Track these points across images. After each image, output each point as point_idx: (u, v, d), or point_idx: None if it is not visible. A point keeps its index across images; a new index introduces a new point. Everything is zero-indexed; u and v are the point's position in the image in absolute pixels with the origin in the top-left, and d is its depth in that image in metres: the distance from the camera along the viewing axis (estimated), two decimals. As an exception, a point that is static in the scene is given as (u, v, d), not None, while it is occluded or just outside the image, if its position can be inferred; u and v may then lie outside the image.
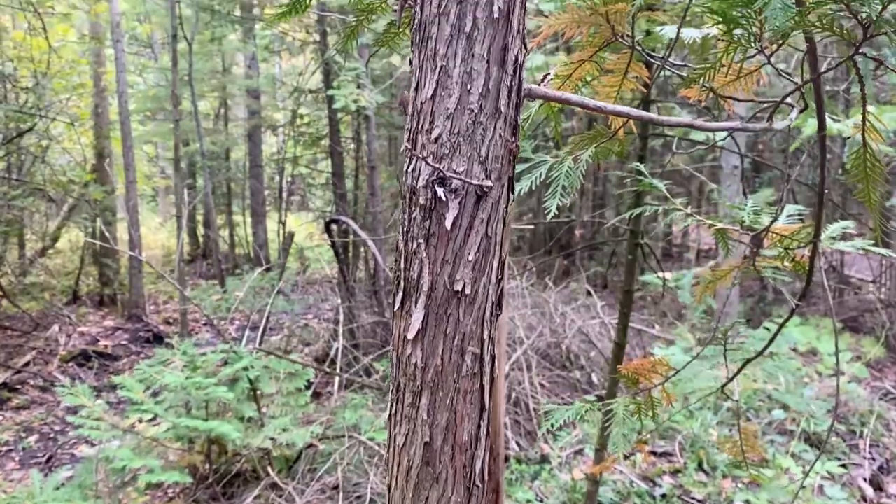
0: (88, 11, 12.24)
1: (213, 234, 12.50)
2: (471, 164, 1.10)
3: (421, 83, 1.13)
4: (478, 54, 1.08)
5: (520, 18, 1.10)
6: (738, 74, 1.29)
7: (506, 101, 1.12)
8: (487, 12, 1.07)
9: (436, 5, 1.09)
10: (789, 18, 1.01)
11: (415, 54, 1.15)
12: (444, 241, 1.10)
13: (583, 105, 1.20)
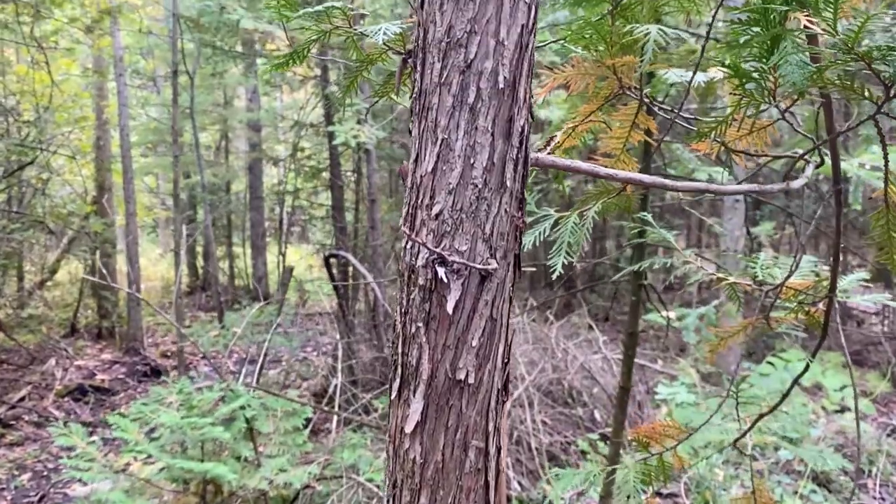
0: (92, 46, 12.34)
1: (213, 267, 12.45)
2: (474, 242, 1.03)
3: (421, 155, 1.07)
4: (482, 127, 1.03)
5: (526, 87, 1.05)
6: (751, 129, 1.25)
7: (511, 175, 1.05)
8: (492, 82, 1.02)
9: (437, 75, 1.04)
10: (806, 77, 0.96)
11: (414, 124, 1.09)
12: (446, 325, 1.02)
13: (593, 173, 1.16)
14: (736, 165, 1.44)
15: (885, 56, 0.91)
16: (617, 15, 1.26)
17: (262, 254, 15.40)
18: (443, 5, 1.03)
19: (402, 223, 1.03)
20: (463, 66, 1.02)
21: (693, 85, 1.83)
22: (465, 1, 1.01)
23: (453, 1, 1.01)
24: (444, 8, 1.02)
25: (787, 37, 0.99)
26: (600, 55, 1.27)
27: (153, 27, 15.08)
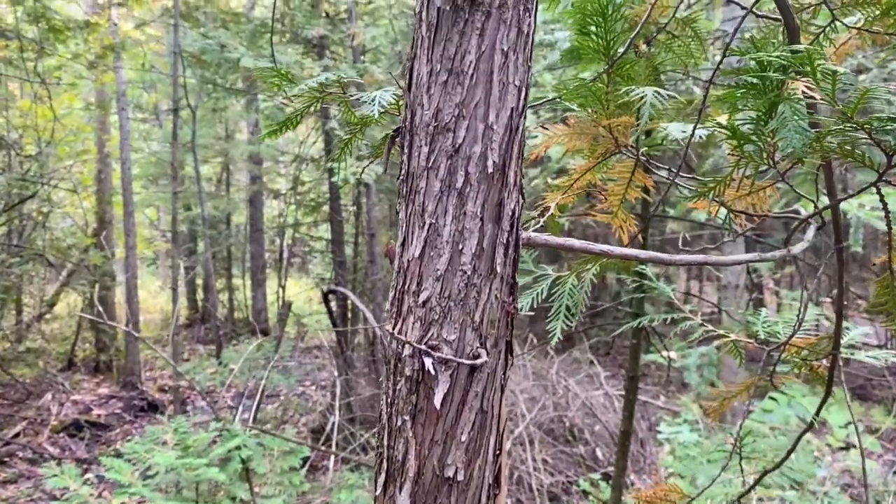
0: (94, 80, 12.45)
1: (212, 300, 12.40)
2: (463, 331, 0.99)
3: (408, 239, 1.03)
4: (470, 212, 1.00)
5: (516, 170, 1.03)
6: (751, 189, 1.23)
7: (502, 260, 1.02)
8: (481, 167, 0.99)
9: (424, 158, 1.01)
10: (806, 143, 0.94)
11: (401, 206, 1.06)
12: (433, 418, 0.98)
13: (587, 251, 1.13)
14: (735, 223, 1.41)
15: (885, 126, 0.89)
16: (613, 73, 1.25)
17: (262, 286, 15.36)
18: (430, 88, 1.01)
19: (388, 307, 1.00)
20: (451, 150, 0.99)
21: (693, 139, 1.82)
22: (452, 85, 0.99)
23: (441, 85, 0.99)
24: (432, 91, 1.00)
25: (786, 102, 0.98)
26: (596, 115, 1.26)
27: (156, 62, 15.24)
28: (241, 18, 9.09)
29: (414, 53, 1.05)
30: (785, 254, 1.16)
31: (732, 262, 1.11)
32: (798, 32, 1.25)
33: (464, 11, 0.97)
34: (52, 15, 10.21)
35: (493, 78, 0.98)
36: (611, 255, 1.13)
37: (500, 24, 0.97)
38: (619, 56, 1.24)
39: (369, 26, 7.99)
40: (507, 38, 0.98)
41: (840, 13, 1.43)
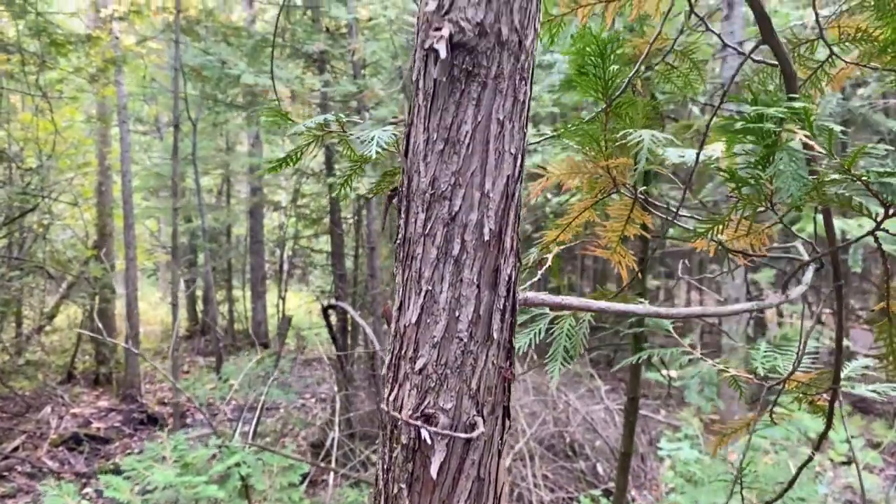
0: (96, 94, 12.48)
1: (212, 312, 12.39)
2: (459, 398, 0.98)
3: (405, 304, 1.03)
4: (467, 279, 0.99)
5: (513, 235, 1.02)
6: (749, 230, 1.24)
7: (499, 326, 1.01)
8: (477, 234, 0.99)
9: (421, 225, 1.01)
10: (804, 191, 0.95)
11: (398, 270, 1.06)
12: (430, 487, 0.96)
13: (586, 308, 1.13)
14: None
15: (881, 179, 0.90)
16: (611, 112, 1.25)
17: (262, 298, 15.35)
18: (427, 157, 1.01)
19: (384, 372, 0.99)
20: (447, 218, 0.99)
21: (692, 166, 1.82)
22: (449, 154, 0.99)
23: (437, 153, 0.99)
24: (428, 160, 1.00)
25: (784, 149, 0.98)
26: (595, 155, 1.26)
27: (157, 74, 15.28)
28: (241, 33, 9.12)
29: (411, 121, 1.05)
30: (783, 299, 1.17)
31: (730, 312, 1.11)
32: (795, 78, 1.25)
33: (460, 82, 0.97)
34: (54, 29, 10.24)
35: (489, 147, 0.98)
36: (608, 311, 1.13)
37: (496, 95, 0.97)
38: (617, 95, 1.24)
39: (370, 41, 8.02)
40: (503, 108, 0.98)
41: (839, 49, 1.44)
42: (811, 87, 1.51)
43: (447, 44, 0.91)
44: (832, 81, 1.70)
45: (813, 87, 1.51)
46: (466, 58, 0.95)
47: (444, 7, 0.96)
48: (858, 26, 1.39)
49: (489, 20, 0.94)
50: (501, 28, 0.96)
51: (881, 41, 1.33)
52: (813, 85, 1.51)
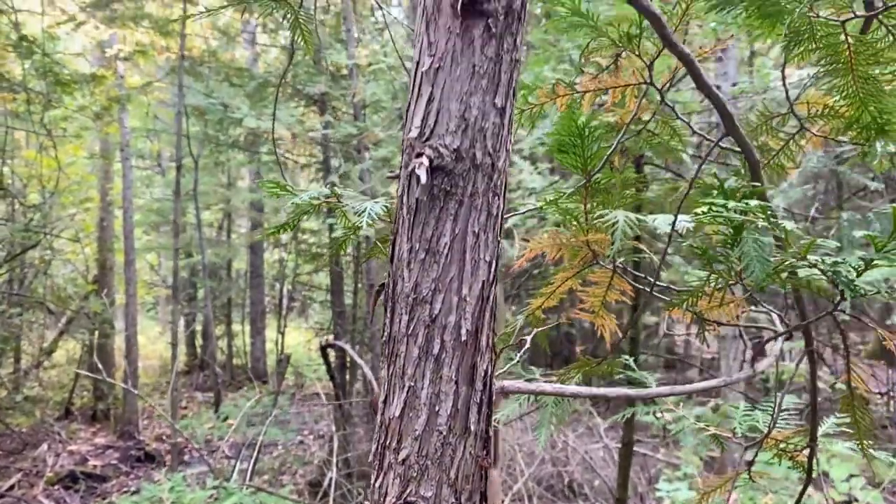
0: (100, 131, 12.65)
1: (211, 347, 12.40)
2: (439, 488, 1.05)
3: (390, 398, 1.11)
4: (446, 376, 1.07)
5: (489, 333, 1.10)
6: (721, 301, 1.30)
7: (476, 419, 1.09)
8: (455, 335, 1.07)
9: (404, 326, 1.09)
10: (767, 273, 1.02)
11: (384, 366, 1.13)
12: None
13: (559, 393, 1.20)
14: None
15: (832, 269, 0.97)
16: (591, 186, 1.33)
17: (262, 333, 15.36)
18: (410, 264, 1.10)
19: (371, 459, 1.05)
20: (428, 320, 1.07)
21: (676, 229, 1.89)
22: (429, 263, 1.08)
23: (419, 262, 1.08)
24: (411, 267, 1.09)
25: (749, 233, 1.05)
26: (576, 230, 1.33)
27: (159, 111, 15.49)
28: (244, 73, 9.30)
29: (396, 230, 1.14)
30: (750, 374, 1.23)
31: (702, 388, 1.17)
32: (759, 166, 1.33)
33: (439, 200, 1.07)
34: (60, 69, 10.41)
35: (465, 256, 1.08)
36: (580, 395, 1.20)
37: (471, 210, 1.08)
38: (595, 172, 1.31)
39: (370, 82, 8.18)
40: (478, 221, 1.08)
41: (808, 122, 1.52)
42: (785, 158, 1.59)
43: (427, 170, 1.02)
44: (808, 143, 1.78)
45: (786, 157, 1.59)
46: (445, 179, 1.06)
47: (426, 135, 1.07)
48: (826, 103, 1.48)
49: (465, 146, 1.06)
50: (476, 153, 1.08)
51: (847, 118, 1.41)
52: (786, 155, 1.59)
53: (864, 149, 1.48)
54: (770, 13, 1.32)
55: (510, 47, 1.07)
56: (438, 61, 1.06)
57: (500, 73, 1.07)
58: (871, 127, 1.39)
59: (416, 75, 1.11)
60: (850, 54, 1.29)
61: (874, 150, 1.44)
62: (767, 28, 1.42)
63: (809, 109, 1.51)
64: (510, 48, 1.07)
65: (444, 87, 1.06)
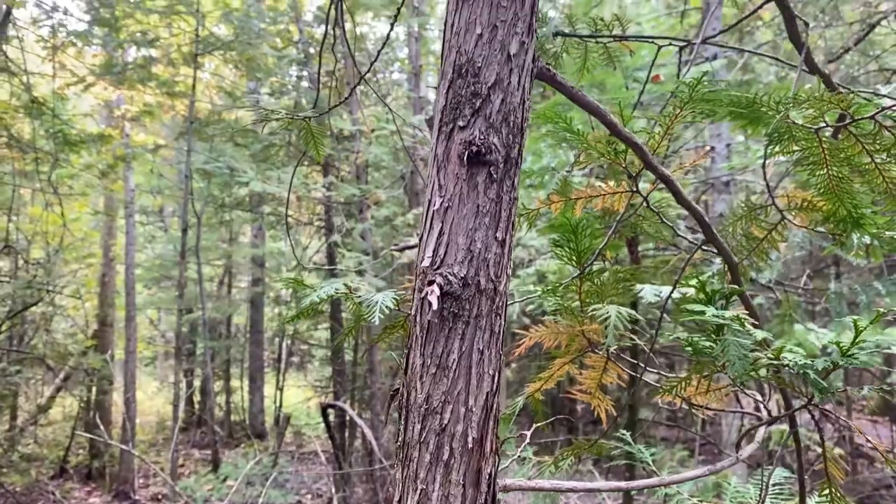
0: (105, 188, 12.85)
1: (210, 404, 12.33)
2: None
3: (404, 499, 1.21)
4: (454, 480, 1.17)
5: (492, 439, 1.20)
6: (708, 389, 1.38)
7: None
8: (462, 443, 1.18)
9: (417, 434, 1.20)
10: (746, 369, 1.10)
11: (398, 468, 1.24)
12: None
13: (556, 489, 1.27)
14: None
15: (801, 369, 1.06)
16: (584, 279, 1.42)
17: (260, 389, 15.28)
18: (422, 377, 1.22)
19: None
20: (438, 429, 1.19)
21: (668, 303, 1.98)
22: (440, 377, 1.20)
23: (431, 375, 1.21)
24: (424, 380, 1.21)
25: (730, 331, 1.14)
26: (572, 320, 1.42)
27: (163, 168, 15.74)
28: (249, 134, 9.52)
29: (410, 346, 1.28)
30: (734, 461, 1.29)
31: (690, 478, 1.23)
32: (737, 269, 1.43)
33: (449, 321, 1.21)
34: (69, 128, 10.63)
35: (471, 371, 1.20)
36: (576, 490, 1.26)
37: (476, 330, 1.21)
38: (589, 264, 1.41)
39: (372, 144, 8.38)
40: (483, 339, 1.21)
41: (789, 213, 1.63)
42: (769, 244, 1.69)
43: (438, 297, 1.15)
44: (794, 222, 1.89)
45: (770, 244, 1.69)
46: (454, 303, 1.20)
47: (437, 264, 1.22)
48: (804, 197, 1.58)
49: (471, 274, 1.20)
50: (480, 280, 1.23)
51: (825, 211, 1.51)
52: (770, 243, 1.69)
53: (841, 239, 1.57)
54: (752, 118, 1.44)
55: (509, 189, 1.23)
56: (448, 201, 1.21)
57: (500, 211, 1.22)
58: (847, 220, 1.49)
59: (429, 212, 1.26)
60: (825, 156, 1.40)
61: (851, 241, 1.53)
62: (751, 128, 1.53)
63: (790, 202, 1.62)
64: (509, 189, 1.23)
65: (452, 223, 1.21)
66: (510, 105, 1.21)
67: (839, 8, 11.23)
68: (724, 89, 1.42)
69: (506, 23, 1.19)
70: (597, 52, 1.96)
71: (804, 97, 1.33)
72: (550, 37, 1.75)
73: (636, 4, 12.69)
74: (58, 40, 10.92)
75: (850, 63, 12.32)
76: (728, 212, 7.81)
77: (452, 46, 1.21)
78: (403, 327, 1.55)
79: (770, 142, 1.46)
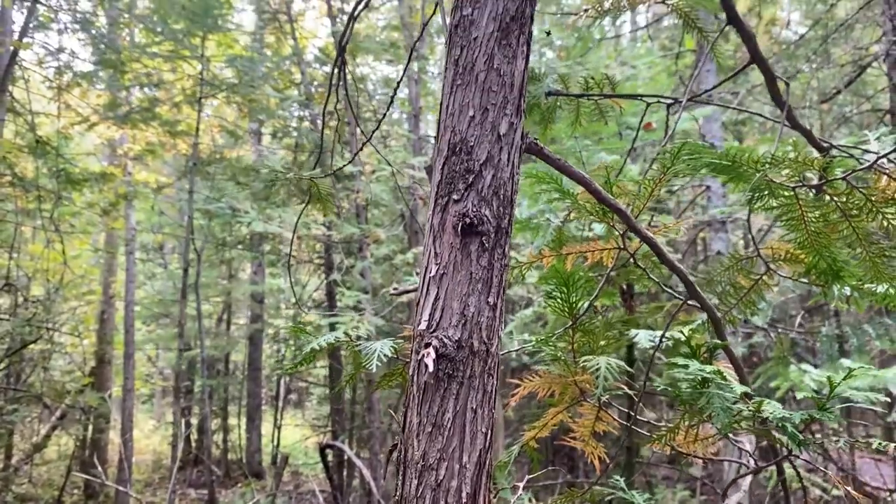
0: (106, 226, 12.94)
1: (207, 443, 12.24)
2: None
3: None
4: None
5: (485, 493, 1.25)
6: (695, 438, 1.43)
7: None
8: (457, 498, 1.23)
9: (414, 488, 1.25)
10: (730, 421, 1.15)
11: None
12: None
13: None
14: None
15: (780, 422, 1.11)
16: (576, 329, 1.48)
17: (258, 427, 15.17)
18: (419, 435, 1.28)
19: None
20: (434, 485, 1.24)
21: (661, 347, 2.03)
22: (435, 435, 1.26)
23: (427, 434, 1.27)
24: (420, 438, 1.27)
25: (713, 385, 1.20)
26: (565, 370, 1.48)
27: (164, 204, 15.85)
28: (250, 172, 9.64)
29: (407, 404, 1.34)
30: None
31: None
32: (720, 323, 1.50)
33: (444, 382, 1.28)
34: (72, 167, 10.74)
35: (465, 429, 1.26)
36: None
37: (470, 390, 1.28)
38: (580, 315, 1.47)
39: (372, 182, 8.49)
40: (476, 399, 1.28)
41: (774, 264, 1.69)
42: (755, 294, 1.76)
43: (434, 359, 1.20)
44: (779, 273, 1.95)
45: (755, 293, 1.75)
46: (448, 364, 1.27)
47: (433, 327, 1.30)
48: (788, 250, 1.65)
49: (465, 337, 1.28)
50: (473, 342, 1.30)
51: (806, 264, 1.58)
52: (756, 293, 1.75)
53: (824, 290, 1.64)
54: (733, 176, 1.51)
55: (500, 256, 1.31)
56: (443, 269, 1.29)
57: (492, 277, 1.31)
58: (828, 273, 1.55)
59: (425, 279, 1.33)
60: (802, 213, 1.47)
61: (832, 292, 1.60)
62: (733, 183, 1.61)
63: (774, 253, 1.68)
64: (500, 257, 1.31)
65: (447, 289, 1.28)
66: (500, 180, 1.30)
67: (830, 51, 11.47)
68: (705, 147, 1.50)
69: (496, 105, 1.29)
70: (588, 108, 2.05)
71: (781, 158, 1.41)
72: (544, 96, 1.84)
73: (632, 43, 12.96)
74: (63, 81, 11.11)
75: (843, 102, 12.55)
76: (726, 250, 7.88)
77: (447, 126, 1.31)
78: (402, 375, 1.60)
79: (751, 198, 1.53)
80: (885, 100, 11.73)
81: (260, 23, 12.38)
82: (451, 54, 1.36)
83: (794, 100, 12.53)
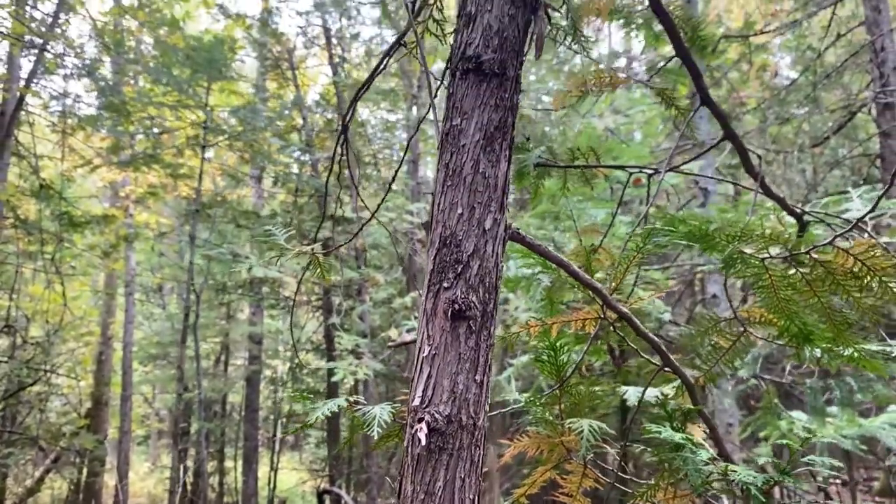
0: (107, 267, 13.03)
1: (203, 486, 12.15)
2: None
3: None
4: None
5: None
6: (675, 495, 1.52)
7: None
8: None
9: None
10: (702, 482, 1.24)
11: None
12: None
13: None
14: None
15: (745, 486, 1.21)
16: (564, 390, 1.57)
17: (255, 470, 15.03)
18: (413, 501, 1.38)
19: None
20: None
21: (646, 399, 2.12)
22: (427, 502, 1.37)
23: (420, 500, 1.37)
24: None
25: (687, 449, 1.29)
26: (551, 432, 1.57)
27: (163, 246, 15.96)
28: (250, 215, 9.78)
29: (402, 473, 1.46)
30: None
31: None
32: (694, 389, 1.60)
33: (435, 453, 1.40)
34: (74, 209, 10.87)
35: (454, 496, 1.38)
36: None
37: (458, 460, 1.40)
38: (567, 377, 1.57)
39: (371, 227, 8.62)
40: (464, 469, 1.40)
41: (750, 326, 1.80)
42: (733, 353, 1.86)
43: (426, 434, 1.30)
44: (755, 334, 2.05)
45: (733, 353, 1.86)
46: (439, 438, 1.40)
47: (425, 403, 1.43)
48: (762, 313, 1.76)
49: (454, 412, 1.41)
50: (462, 417, 1.43)
51: (779, 327, 1.68)
52: (734, 352, 1.85)
53: (797, 351, 1.74)
54: (707, 246, 1.63)
55: (485, 338, 1.43)
56: (435, 349, 1.43)
57: (479, 357, 1.44)
58: (799, 336, 1.65)
59: (419, 358, 1.46)
60: (772, 281, 1.58)
61: (804, 353, 1.70)
62: (708, 252, 1.72)
63: (750, 316, 1.79)
64: (485, 338, 1.43)
65: (438, 368, 1.42)
66: (486, 269, 1.44)
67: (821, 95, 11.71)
68: (680, 219, 1.62)
69: (482, 203, 1.44)
70: (575, 175, 2.17)
71: (751, 230, 1.52)
72: (532, 167, 1.96)
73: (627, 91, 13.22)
74: (67, 125, 11.30)
75: (835, 146, 12.79)
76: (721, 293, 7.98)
77: (439, 221, 1.45)
78: (399, 436, 1.69)
79: (725, 266, 1.64)
80: (876, 144, 11.96)
81: (262, 69, 12.67)
82: (442, 158, 1.51)
83: (787, 143, 12.75)
